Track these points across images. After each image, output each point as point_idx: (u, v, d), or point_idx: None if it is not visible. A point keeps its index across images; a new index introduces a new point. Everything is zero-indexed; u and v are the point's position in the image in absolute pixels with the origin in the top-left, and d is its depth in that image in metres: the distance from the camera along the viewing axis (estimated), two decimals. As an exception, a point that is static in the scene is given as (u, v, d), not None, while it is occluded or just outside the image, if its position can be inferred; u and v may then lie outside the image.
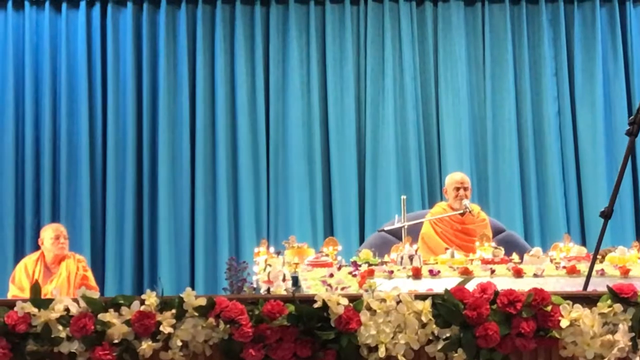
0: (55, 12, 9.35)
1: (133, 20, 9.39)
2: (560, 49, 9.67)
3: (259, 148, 9.37)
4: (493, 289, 3.83)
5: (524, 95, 9.58)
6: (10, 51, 9.20)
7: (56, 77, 9.25)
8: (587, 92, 9.59)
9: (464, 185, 7.31)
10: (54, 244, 7.21)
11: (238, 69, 9.40)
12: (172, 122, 9.32)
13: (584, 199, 9.47)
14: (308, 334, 3.75)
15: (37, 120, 9.20)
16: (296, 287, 5.73)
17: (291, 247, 6.39)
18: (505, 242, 7.16)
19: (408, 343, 3.75)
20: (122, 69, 9.33)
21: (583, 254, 6.28)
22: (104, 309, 3.78)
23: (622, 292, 3.85)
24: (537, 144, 9.55)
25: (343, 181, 9.35)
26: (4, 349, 3.73)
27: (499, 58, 9.62)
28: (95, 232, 9.13)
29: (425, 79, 9.59)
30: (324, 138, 9.44)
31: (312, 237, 8.88)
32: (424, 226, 7.23)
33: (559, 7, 9.70)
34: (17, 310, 3.77)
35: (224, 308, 3.75)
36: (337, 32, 9.56)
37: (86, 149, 9.14)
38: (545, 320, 3.77)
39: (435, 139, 9.51)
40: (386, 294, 3.81)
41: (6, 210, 9.02)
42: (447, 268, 5.98)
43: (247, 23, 9.51)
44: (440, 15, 9.65)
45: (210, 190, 9.28)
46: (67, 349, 3.75)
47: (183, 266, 9.14)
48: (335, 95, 9.46)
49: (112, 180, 9.16)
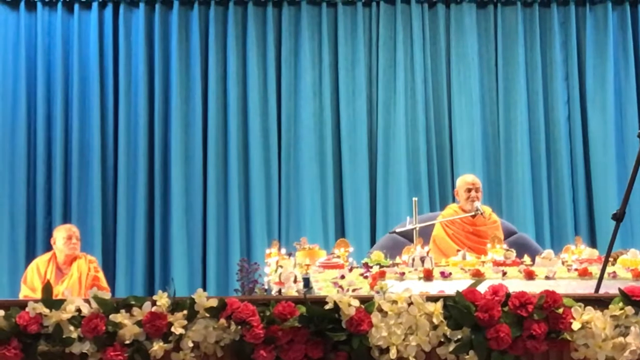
0: (68, 13, 9.36)
1: (145, 21, 9.39)
2: (571, 51, 9.64)
3: (270, 149, 9.37)
4: (504, 291, 3.83)
5: (535, 97, 9.57)
6: (22, 52, 9.22)
7: (68, 79, 9.26)
8: (599, 95, 9.56)
9: (476, 187, 7.31)
10: (66, 244, 7.23)
11: (250, 70, 9.40)
12: (184, 123, 9.32)
13: (595, 202, 9.44)
14: (319, 335, 3.75)
15: (49, 121, 9.21)
16: (307, 289, 5.73)
17: (302, 249, 6.39)
18: (517, 244, 7.15)
19: (419, 345, 3.75)
20: (134, 70, 9.33)
21: (595, 257, 6.27)
22: (115, 309, 3.79)
23: (633, 294, 3.84)
24: (549, 146, 9.53)
25: (354, 183, 9.34)
26: (15, 349, 3.74)
27: (511, 60, 9.61)
28: (106, 233, 9.14)
29: (437, 81, 9.58)
30: (335, 140, 9.44)
31: (323, 239, 8.87)
32: (435, 228, 7.23)
33: (571, 9, 9.69)
34: (28, 311, 3.78)
35: (235, 309, 3.75)
36: (349, 34, 9.56)
37: (98, 149, 9.16)
38: (557, 323, 3.77)
39: (447, 141, 9.50)
40: (397, 295, 3.81)
41: (18, 211, 9.04)
42: (459, 270, 5.98)
43: (259, 24, 9.51)
44: (453, 18, 9.64)
45: (222, 192, 9.28)
46: (79, 349, 3.77)
47: (195, 267, 9.15)
48: (347, 97, 9.45)
49: (123, 181, 9.17)
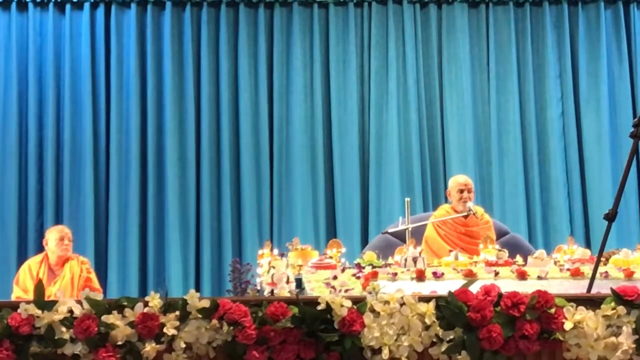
0: (59, 14, 9.35)
1: (137, 22, 9.38)
2: (564, 50, 9.66)
3: (262, 149, 9.36)
4: (497, 291, 3.83)
5: (528, 97, 9.58)
6: (14, 53, 9.21)
7: (60, 79, 9.25)
8: (592, 94, 9.58)
9: (468, 187, 7.32)
10: (58, 245, 7.22)
11: (242, 71, 9.40)
12: (177, 124, 9.31)
13: (589, 201, 9.45)
14: (311, 336, 3.74)
15: (40, 122, 9.20)
16: (300, 289, 5.73)
17: (295, 249, 6.40)
18: (509, 244, 7.16)
19: (411, 345, 3.75)
20: (126, 71, 9.32)
21: (587, 257, 6.28)
22: (107, 310, 3.78)
23: (626, 294, 3.84)
24: (541, 146, 9.54)
25: (346, 183, 9.34)
26: (7, 351, 3.73)
27: (503, 60, 9.62)
28: (98, 234, 9.13)
29: (429, 81, 9.59)
30: (327, 140, 9.44)
31: (315, 239, 8.88)
32: (427, 228, 7.23)
33: (563, 9, 9.71)
34: (20, 312, 3.77)
35: (227, 310, 3.75)
36: (340, 35, 9.56)
37: (90, 150, 9.14)
38: (549, 323, 3.77)
39: (439, 141, 9.50)
40: (390, 296, 3.81)
41: (9, 212, 9.02)
42: (451, 270, 5.99)
43: (250, 25, 9.52)
44: (444, 18, 9.65)
45: (214, 192, 9.28)
46: (71, 350, 3.76)
47: (189, 268, 9.14)
48: (339, 97, 9.45)
49: (115, 181, 9.16)
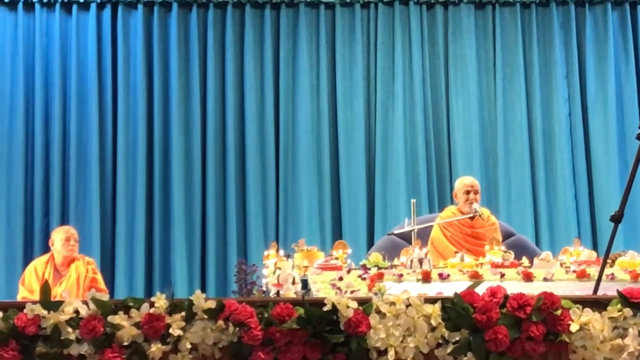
0: (66, 14, 9.35)
1: (144, 23, 9.38)
2: (571, 52, 9.64)
3: (268, 151, 9.36)
4: (503, 292, 3.82)
5: (534, 98, 9.56)
6: (20, 53, 9.21)
7: (66, 80, 9.25)
8: (599, 95, 9.56)
9: (474, 188, 7.31)
10: (64, 246, 7.23)
11: (248, 72, 9.40)
12: (183, 125, 9.31)
13: (596, 203, 9.43)
14: (317, 337, 3.74)
15: (47, 123, 9.20)
16: (305, 290, 5.72)
17: (301, 250, 6.39)
18: (515, 245, 7.15)
19: (417, 346, 3.74)
20: (132, 72, 9.33)
21: (593, 258, 6.27)
22: (113, 311, 3.78)
23: (632, 296, 3.84)
24: (547, 147, 9.52)
25: (352, 184, 9.33)
26: (13, 351, 3.73)
27: (510, 61, 9.60)
28: (104, 234, 9.12)
29: (435, 82, 9.57)
30: (333, 141, 9.43)
31: (321, 241, 8.88)
32: (433, 230, 7.22)
33: (570, 9, 9.69)
34: (26, 312, 3.77)
35: (233, 311, 3.75)
36: (347, 36, 9.56)
37: (96, 151, 9.15)
38: (555, 324, 3.76)
39: (446, 142, 9.49)
40: (396, 297, 3.81)
41: (16, 212, 9.03)
42: (457, 272, 5.98)
43: (257, 26, 9.52)
44: (451, 19, 9.64)
45: (220, 193, 9.28)
46: (77, 351, 3.75)
47: (194, 269, 9.14)
48: (345, 99, 9.45)
49: (122, 182, 9.16)
